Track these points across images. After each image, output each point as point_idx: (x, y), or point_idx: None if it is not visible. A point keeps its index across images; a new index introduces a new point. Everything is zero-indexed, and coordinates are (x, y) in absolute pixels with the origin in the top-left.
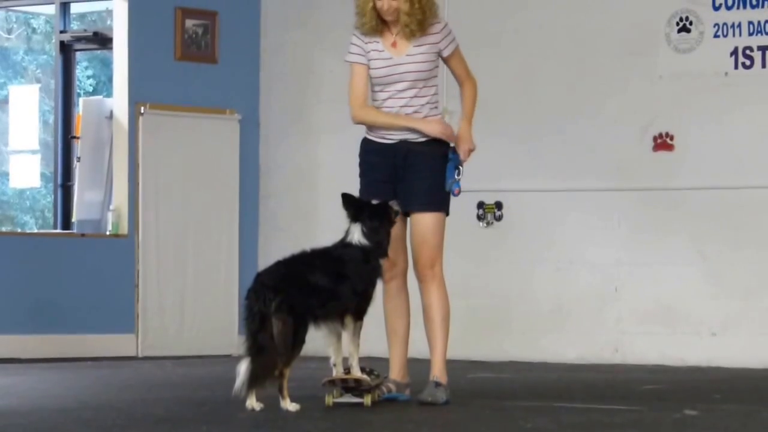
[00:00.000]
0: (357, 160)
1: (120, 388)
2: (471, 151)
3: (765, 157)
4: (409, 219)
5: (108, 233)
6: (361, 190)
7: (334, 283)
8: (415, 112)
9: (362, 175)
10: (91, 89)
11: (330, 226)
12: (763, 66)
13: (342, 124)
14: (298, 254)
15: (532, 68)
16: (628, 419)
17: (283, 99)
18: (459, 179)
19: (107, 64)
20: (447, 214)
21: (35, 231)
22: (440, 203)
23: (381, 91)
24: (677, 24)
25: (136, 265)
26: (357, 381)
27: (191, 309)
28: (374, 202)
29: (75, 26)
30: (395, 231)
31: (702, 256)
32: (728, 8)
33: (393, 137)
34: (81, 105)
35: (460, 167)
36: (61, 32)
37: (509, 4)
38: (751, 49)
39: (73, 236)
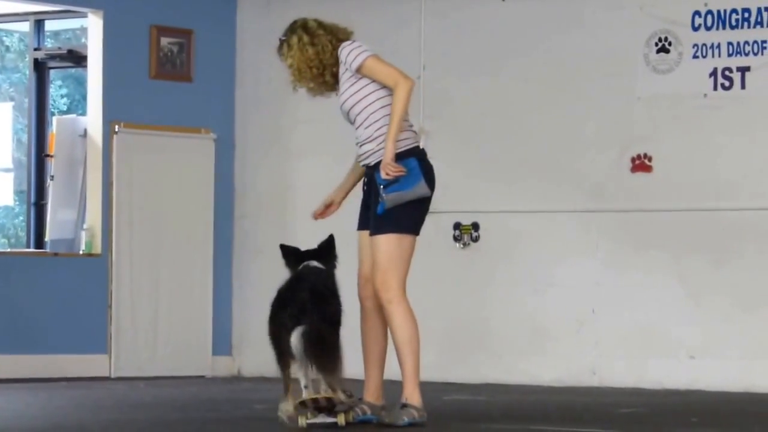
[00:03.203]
0: (332, 181)
1: (92, 409)
2: (386, 167)
3: (744, 179)
4: None
5: (81, 252)
6: None
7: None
8: (369, 139)
9: None
10: (65, 108)
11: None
12: (742, 87)
13: (318, 145)
14: (299, 277)
15: (510, 89)
16: None
17: (259, 119)
18: (383, 198)
19: (81, 83)
20: (405, 233)
21: (7, 250)
22: (385, 225)
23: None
24: (656, 44)
25: (109, 284)
26: (328, 400)
27: (165, 329)
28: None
29: (49, 44)
30: (369, 248)
31: (681, 279)
32: (707, 29)
33: (363, 163)
34: (54, 123)
35: (381, 187)
36: (35, 50)
37: (486, 27)
38: (731, 70)
39: (45, 255)
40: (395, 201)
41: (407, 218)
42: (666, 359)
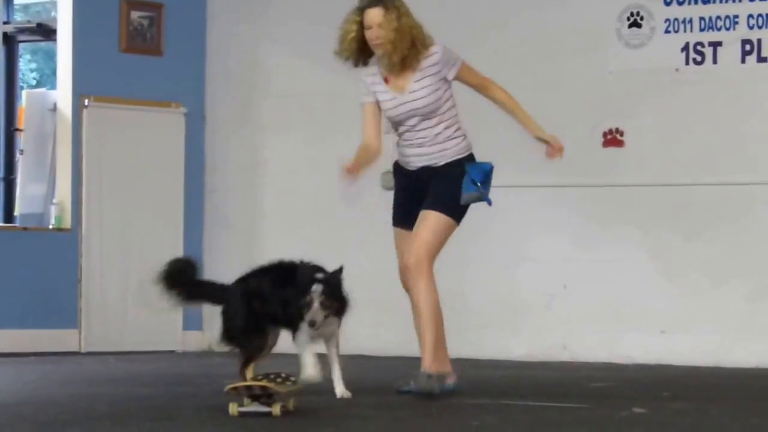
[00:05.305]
0: (303, 155)
1: (62, 384)
2: (561, 150)
3: (715, 154)
4: None
5: (51, 227)
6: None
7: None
8: (435, 142)
9: (395, 190)
10: (34, 82)
11: (275, 223)
12: (714, 62)
13: (289, 120)
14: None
15: (482, 63)
16: (576, 417)
17: (230, 93)
18: (480, 192)
19: (51, 57)
20: (454, 219)
21: None
22: (443, 206)
23: (399, 125)
24: (628, 19)
25: (79, 259)
26: (263, 388)
27: (134, 304)
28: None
29: (18, 17)
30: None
31: (652, 254)
32: (679, 3)
33: (414, 166)
34: (24, 97)
35: (477, 182)
36: (5, 23)
37: (458, 1)
38: (702, 45)
39: (15, 230)
40: (474, 200)
41: (464, 211)
42: (637, 334)
